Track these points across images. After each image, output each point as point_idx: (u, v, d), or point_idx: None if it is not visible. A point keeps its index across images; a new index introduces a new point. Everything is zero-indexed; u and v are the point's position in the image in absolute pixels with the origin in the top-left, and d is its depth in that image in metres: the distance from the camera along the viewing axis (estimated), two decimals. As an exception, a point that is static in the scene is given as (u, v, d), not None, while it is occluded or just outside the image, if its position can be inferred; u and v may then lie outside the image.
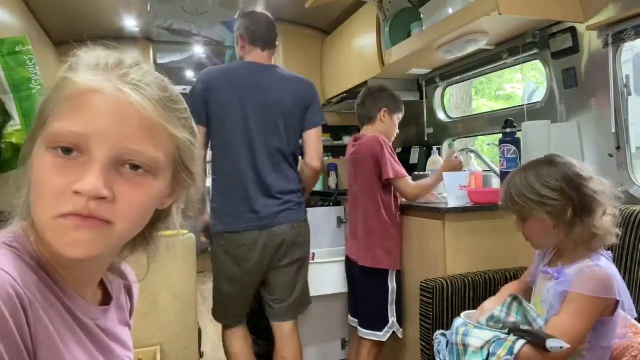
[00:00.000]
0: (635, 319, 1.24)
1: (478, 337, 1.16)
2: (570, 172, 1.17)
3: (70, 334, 0.54)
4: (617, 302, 1.11)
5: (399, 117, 2.14)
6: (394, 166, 1.94)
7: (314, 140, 1.94)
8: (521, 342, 1.10)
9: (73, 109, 0.51)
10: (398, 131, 2.17)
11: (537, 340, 1.07)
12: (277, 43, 1.97)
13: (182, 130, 0.58)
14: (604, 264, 1.14)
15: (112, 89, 0.52)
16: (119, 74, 0.53)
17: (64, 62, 0.57)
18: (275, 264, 1.87)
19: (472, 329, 1.20)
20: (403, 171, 1.96)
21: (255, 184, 1.81)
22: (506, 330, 1.16)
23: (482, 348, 1.14)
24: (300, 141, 1.97)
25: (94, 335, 0.58)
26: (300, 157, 1.99)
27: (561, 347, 1.03)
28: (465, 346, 1.18)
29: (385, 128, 2.08)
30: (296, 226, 1.88)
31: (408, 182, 1.97)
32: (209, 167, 1.92)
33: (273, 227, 1.82)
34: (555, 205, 1.15)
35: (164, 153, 0.55)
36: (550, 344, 1.03)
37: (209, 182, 1.94)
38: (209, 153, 1.90)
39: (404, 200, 2.14)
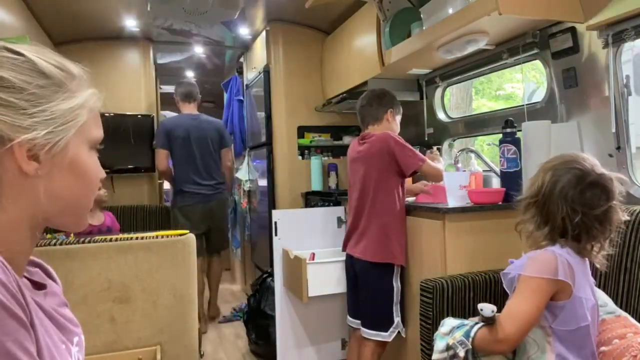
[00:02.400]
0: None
1: (447, 324, 1.25)
2: (592, 204, 1.16)
3: (40, 312, 0.57)
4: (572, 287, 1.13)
5: (399, 118, 2.22)
6: (415, 155, 2.00)
7: (227, 154, 3.47)
8: (477, 326, 1.16)
9: (97, 118, 0.67)
10: (399, 130, 2.20)
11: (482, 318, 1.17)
12: (199, 95, 3.46)
13: None
14: (558, 250, 1.16)
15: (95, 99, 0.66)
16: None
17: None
18: (209, 223, 3.34)
19: (448, 319, 1.28)
20: (422, 155, 2.04)
21: (199, 179, 3.29)
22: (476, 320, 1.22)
23: (449, 333, 1.22)
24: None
25: (51, 315, 0.61)
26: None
27: (492, 311, 1.13)
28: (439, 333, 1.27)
29: (389, 128, 2.13)
30: (221, 202, 3.43)
31: (431, 165, 2.04)
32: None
33: (209, 202, 3.32)
34: (561, 225, 1.18)
35: None
36: (481, 306, 1.14)
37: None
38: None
39: (409, 200, 2.14)
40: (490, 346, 1.15)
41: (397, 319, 1.99)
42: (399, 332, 2.00)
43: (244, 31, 3.66)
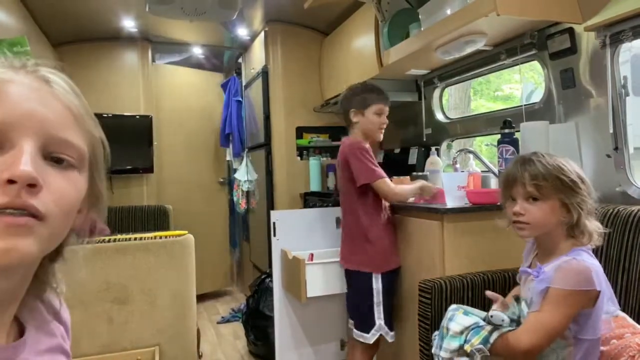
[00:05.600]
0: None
1: (459, 323, 1.20)
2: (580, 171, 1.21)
3: None
4: (598, 293, 1.11)
5: (373, 109, 2.04)
6: (366, 170, 1.95)
7: None
8: (497, 333, 1.14)
9: None
10: (385, 123, 2.06)
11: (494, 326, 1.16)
12: None
13: (97, 129, 0.54)
14: (583, 258, 1.14)
15: (28, 80, 0.48)
16: (28, 70, 0.50)
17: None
18: None
19: (459, 314, 1.23)
20: (378, 173, 1.96)
21: None
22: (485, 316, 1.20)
23: (461, 333, 1.18)
24: None
25: None
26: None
27: (502, 320, 1.13)
28: (448, 330, 1.22)
29: (362, 127, 2.06)
30: None
31: (386, 183, 1.96)
32: None
33: None
34: (574, 195, 1.16)
35: (85, 146, 0.51)
36: (491, 313, 1.15)
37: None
38: None
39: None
40: (510, 357, 1.14)
41: (378, 322, 1.98)
42: (382, 335, 1.98)
43: (242, 32, 3.66)
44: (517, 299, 1.24)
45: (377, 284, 1.99)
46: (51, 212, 0.46)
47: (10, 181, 0.42)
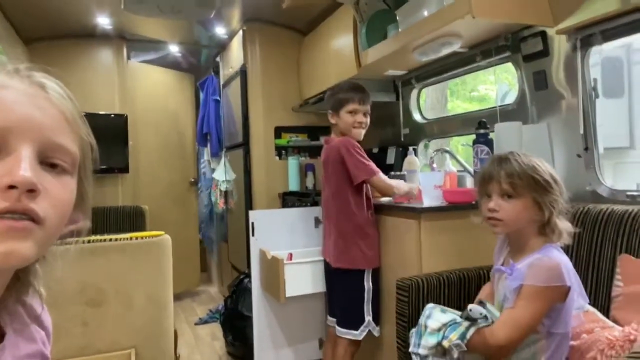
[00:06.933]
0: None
1: (437, 320, 1.23)
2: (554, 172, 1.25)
3: None
4: (569, 288, 1.15)
5: (347, 109, 2.06)
6: (364, 167, 1.97)
7: None
8: (473, 328, 1.17)
9: None
10: (361, 121, 2.06)
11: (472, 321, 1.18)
12: None
13: (87, 133, 0.56)
14: (554, 255, 1.19)
15: (23, 85, 0.49)
16: (22, 75, 0.50)
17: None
18: None
19: (436, 312, 1.26)
20: (375, 169, 1.99)
21: None
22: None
23: (438, 330, 1.21)
24: None
25: None
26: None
27: (480, 314, 1.17)
28: (425, 327, 1.24)
29: (340, 128, 2.10)
30: None
31: (382, 179, 2.00)
32: None
33: None
34: (547, 194, 1.20)
35: (77, 150, 0.53)
36: (470, 307, 1.17)
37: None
38: None
39: (382, 199, 2.16)
40: (487, 351, 1.17)
41: (367, 318, 2.01)
42: (370, 331, 2.01)
43: (220, 30, 3.63)
44: (481, 303, 1.26)
45: (368, 281, 2.01)
46: (49, 216, 0.47)
47: (11, 186, 0.44)
